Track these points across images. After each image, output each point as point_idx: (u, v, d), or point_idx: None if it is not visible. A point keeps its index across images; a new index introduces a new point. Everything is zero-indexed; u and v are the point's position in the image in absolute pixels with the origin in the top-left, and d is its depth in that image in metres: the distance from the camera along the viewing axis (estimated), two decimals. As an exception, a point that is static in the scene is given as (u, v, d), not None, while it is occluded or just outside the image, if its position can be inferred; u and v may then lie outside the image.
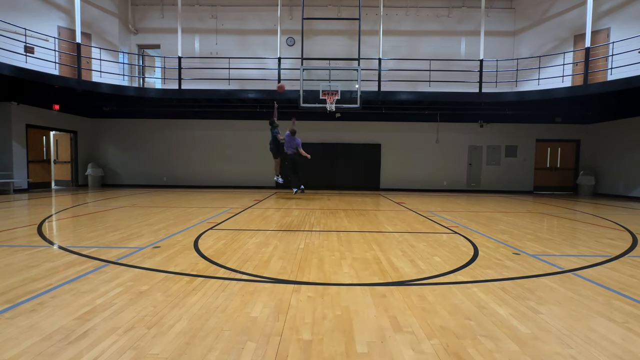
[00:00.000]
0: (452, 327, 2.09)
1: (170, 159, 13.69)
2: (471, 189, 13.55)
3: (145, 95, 11.67)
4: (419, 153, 13.49)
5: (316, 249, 4.04)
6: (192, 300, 2.45)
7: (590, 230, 5.50)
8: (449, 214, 7.12)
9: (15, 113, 10.62)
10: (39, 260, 3.39)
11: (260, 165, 13.58)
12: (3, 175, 10.26)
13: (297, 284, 2.82)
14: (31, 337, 1.90)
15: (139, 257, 3.56)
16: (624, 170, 11.72)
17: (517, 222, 6.17)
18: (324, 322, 2.15)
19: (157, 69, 13.77)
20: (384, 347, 1.85)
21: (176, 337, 1.93)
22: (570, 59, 11.43)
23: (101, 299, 2.43)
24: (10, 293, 2.53)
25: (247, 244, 4.23)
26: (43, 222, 5.54)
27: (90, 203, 8.26)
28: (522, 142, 13.45)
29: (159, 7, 13.14)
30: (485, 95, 11.38)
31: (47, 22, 10.87)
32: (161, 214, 6.62)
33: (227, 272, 3.10)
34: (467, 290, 2.72)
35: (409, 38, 13.04)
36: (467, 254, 3.89)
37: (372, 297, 2.55)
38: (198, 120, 13.51)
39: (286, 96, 11.31)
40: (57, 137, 12.99)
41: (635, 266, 3.46)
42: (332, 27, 12.95)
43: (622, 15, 10.44)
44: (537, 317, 2.24)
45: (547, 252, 3.99)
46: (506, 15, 13.02)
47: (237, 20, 13.11)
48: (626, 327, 2.12)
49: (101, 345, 1.82)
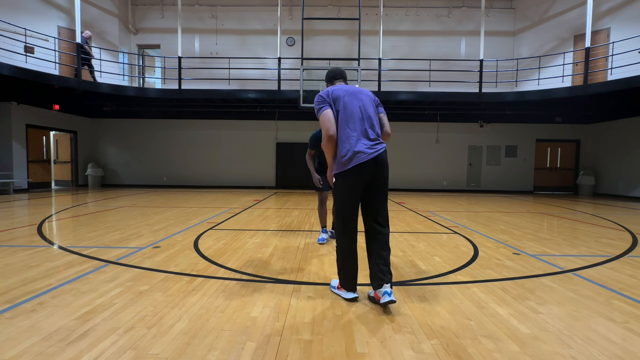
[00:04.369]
0: (452, 327, 2.09)
1: (170, 159, 13.69)
2: (471, 189, 13.55)
3: (145, 95, 11.67)
4: (419, 153, 13.49)
5: (316, 249, 4.03)
6: (192, 300, 2.45)
7: (590, 230, 5.49)
8: (449, 214, 7.12)
9: (15, 113, 10.61)
10: (39, 260, 3.39)
11: (260, 165, 13.59)
12: (3, 175, 10.26)
13: (297, 284, 2.82)
14: (31, 337, 1.90)
15: (139, 257, 3.55)
16: (624, 170, 11.72)
17: (517, 222, 6.17)
18: (324, 322, 2.15)
19: (157, 69, 13.78)
20: (384, 347, 1.85)
21: (176, 337, 1.93)
22: (570, 59, 11.43)
23: (101, 299, 2.43)
24: (10, 293, 2.53)
25: (247, 244, 4.23)
26: (43, 222, 5.54)
27: (90, 203, 8.26)
28: (522, 142, 13.45)
29: (159, 7, 13.15)
30: (485, 95, 11.38)
31: (47, 22, 10.87)
32: (161, 214, 6.62)
33: (227, 272, 3.10)
34: (467, 290, 2.72)
35: (409, 38, 13.05)
36: (467, 254, 3.88)
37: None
38: (198, 120, 13.51)
39: (286, 96, 11.32)
40: (57, 137, 12.99)
41: (635, 266, 3.46)
42: (332, 27, 12.95)
43: (622, 15, 10.45)
44: (537, 317, 2.24)
45: (547, 252, 3.99)
46: (506, 15, 13.02)
47: (237, 20, 13.12)
48: (626, 327, 2.12)
49: (101, 345, 1.82)
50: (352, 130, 2.44)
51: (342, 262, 2.49)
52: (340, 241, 2.49)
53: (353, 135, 2.42)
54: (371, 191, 2.47)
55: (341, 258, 2.49)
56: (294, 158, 13.44)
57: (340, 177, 2.44)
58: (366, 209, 2.52)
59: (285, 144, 13.53)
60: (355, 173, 2.38)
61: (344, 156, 2.39)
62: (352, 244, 2.46)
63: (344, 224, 2.46)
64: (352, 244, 2.46)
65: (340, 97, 2.51)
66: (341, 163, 2.41)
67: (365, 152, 2.38)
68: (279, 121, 13.42)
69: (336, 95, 2.52)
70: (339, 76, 2.74)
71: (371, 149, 2.41)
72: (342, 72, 2.76)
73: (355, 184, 2.41)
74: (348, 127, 2.44)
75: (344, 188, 2.44)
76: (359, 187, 2.42)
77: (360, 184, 2.41)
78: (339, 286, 2.56)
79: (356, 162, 2.36)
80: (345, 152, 2.39)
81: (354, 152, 2.37)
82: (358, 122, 2.46)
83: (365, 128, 2.47)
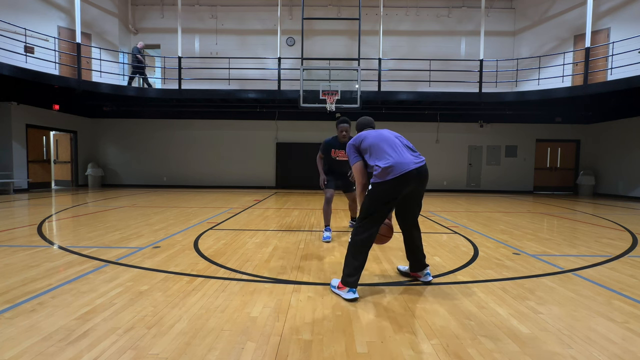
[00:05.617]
0: (452, 327, 2.09)
1: (170, 159, 13.69)
2: (471, 189, 13.55)
3: (145, 95, 11.67)
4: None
5: (316, 249, 4.03)
6: (192, 300, 2.45)
7: (590, 230, 5.49)
8: (449, 214, 7.12)
9: (15, 113, 10.62)
10: (39, 260, 3.39)
11: (260, 165, 13.59)
12: (3, 175, 10.26)
13: (297, 284, 2.82)
14: (31, 337, 1.90)
15: (139, 257, 3.56)
16: (624, 170, 11.72)
17: (517, 222, 6.17)
18: (324, 322, 2.15)
19: (157, 69, 13.78)
20: (384, 347, 1.85)
21: (176, 337, 1.93)
22: (570, 59, 11.43)
23: (101, 299, 2.43)
24: (10, 293, 2.53)
25: (247, 244, 4.23)
26: (43, 222, 5.54)
27: (90, 203, 8.26)
28: (522, 142, 13.45)
29: (159, 7, 13.15)
30: (485, 95, 11.37)
31: (47, 22, 10.88)
32: (161, 214, 6.62)
33: (227, 272, 3.10)
34: (467, 290, 2.72)
35: (409, 38, 13.05)
36: (467, 254, 3.89)
37: (372, 297, 2.55)
38: (198, 120, 13.51)
39: (286, 96, 11.32)
40: (57, 137, 12.99)
41: (635, 266, 3.46)
42: (332, 27, 12.95)
43: (622, 15, 10.45)
44: (537, 317, 2.24)
45: (547, 252, 3.99)
46: (506, 15, 13.02)
47: (237, 20, 13.12)
48: (626, 327, 2.12)
49: (101, 345, 1.82)
50: (391, 147, 2.61)
51: (353, 254, 2.53)
52: (358, 235, 2.53)
53: (395, 150, 2.60)
54: (412, 201, 2.73)
55: (353, 250, 2.54)
56: (294, 158, 13.45)
57: (379, 187, 2.51)
58: (404, 214, 2.81)
59: (285, 144, 13.53)
60: (398, 182, 2.47)
61: (387, 168, 2.48)
62: (370, 241, 2.55)
63: (365, 235, 2.52)
64: (370, 241, 2.55)
65: (367, 136, 2.72)
66: (385, 173, 2.48)
67: (410, 162, 2.52)
68: (279, 121, 13.42)
69: (362, 136, 2.75)
70: (368, 126, 2.99)
71: (417, 158, 2.60)
72: (370, 121, 3.03)
73: (396, 195, 2.52)
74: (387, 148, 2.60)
75: (380, 199, 2.50)
76: (398, 198, 2.55)
77: (400, 194, 2.53)
78: (340, 286, 2.56)
79: (400, 171, 2.46)
80: (388, 165, 2.49)
81: (399, 163, 2.49)
82: (396, 142, 2.66)
83: (405, 144, 2.71)
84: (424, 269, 2.87)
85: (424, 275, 2.86)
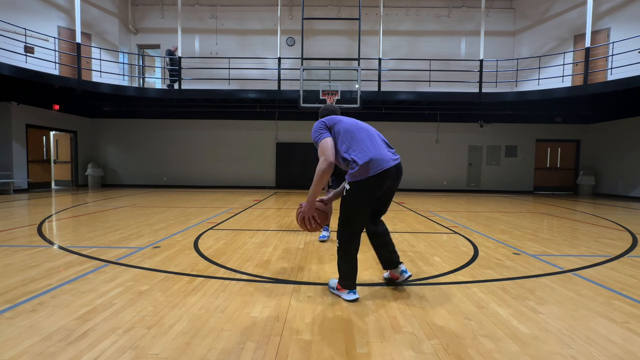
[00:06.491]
0: (452, 327, 2.09)
1: (170, 159, 13.70)
2: (471, 189, 13.56)
3: (145, 95, 11.68)
4: (419, 153, 13.48)
5: (316, 249, 4.03)
6: (192, 300, 2.45)
7: (590, 230, 5.49)
8: (449, 214, 7.12)
9: (15, 113, 10.62)
10: (39, 260, 3.39)
11: (260, 165, 13.60)
12: (3, 175, 10.26)
13: (297, 284, 2.82)
14: (31, 337, 1.89)
15: (139, 257, 3.55)
16: (624, 170, 11.72)
17: (517, 222, 6.17)
18: (324, 322, 2.15)
19: (157, 69, 13.78)
20: (384, 347, 1.85)
21: (176, 337, 1.93)
22: (570, 59, 11.43)
23: (101, 299, 2.43)
24: (10, 293, 2.53)
25: (247, 244, 4.23)
26: (43, 222, 5.54)
27: (90, 203, 8.26)
28: (522, 142, 13.45)
29: (159, 7, 13.15)
30: (485, 95, 11.38)
31: (47, 22, 10.88)
32: (161, 214, 6.62)
33: (227, 272, 3.10)
34: (467, 290, 2.72)
35: (409, 38, 13.05)
36: (467, 254, 3.89)
37: (372, 297, 2.55)
38: (198, 120, 13.51)
39: (286, 96, 11.32)
40: (57, 137, 12.99)
41: (635, 266, 3.46)
42: (332, 27, 12.96)
43: (622, 15, 10.45)
44: (537, 317, 2.24)
45: (547, 252, 3.99)
46: (506, 15, 13.03)
47: (237, 20, 13.12)
48: (626, 327, 2.12)
49: (101, 345, 1.82)
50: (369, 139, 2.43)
51: (343, 258, 2.47)
52: (344, 239, 2.45)
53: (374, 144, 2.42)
54: (386, 199, 2.60)
55: (342, 254, 2.47)
56: (294, 158, 13.45)
57: (361, 185, 2.33)
58: (373, 212, 2.63)
59: (285, 144, 13.53)
60: (378, 180, 2.33)
61: (367, 163, 2.30)
62: (357, 243, 2.47)
63: (352, 239, 2.43)
64: (357, 243, 2.47)
65: (341, 120, 2.54)
66: (365, 170, 2.30)
67: (389, 159, 2.39)
68: (279, 121, 13.42)
69: (336, 119, 2.55)
70: (334, 113, 2.90)
71: (394, 155, 2.48)
72: (335, 108, 2.96)
73: (377, 193, 2.39)
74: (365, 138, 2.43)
75: (363, 198, 2.36)
76: (377, 196, 2.43)
77: (378, 192, 2.41)
78: (339, 287, 2.55)
79: (380, 168, 2.31)
80: (368, 159, 2.31)
81: (379, 159, 2.33)
82: (374, 134, 2.51)
83: (383, 139, 2.56)
84: (397, 266, 2.67)
85: (401, 274, 2.66)
